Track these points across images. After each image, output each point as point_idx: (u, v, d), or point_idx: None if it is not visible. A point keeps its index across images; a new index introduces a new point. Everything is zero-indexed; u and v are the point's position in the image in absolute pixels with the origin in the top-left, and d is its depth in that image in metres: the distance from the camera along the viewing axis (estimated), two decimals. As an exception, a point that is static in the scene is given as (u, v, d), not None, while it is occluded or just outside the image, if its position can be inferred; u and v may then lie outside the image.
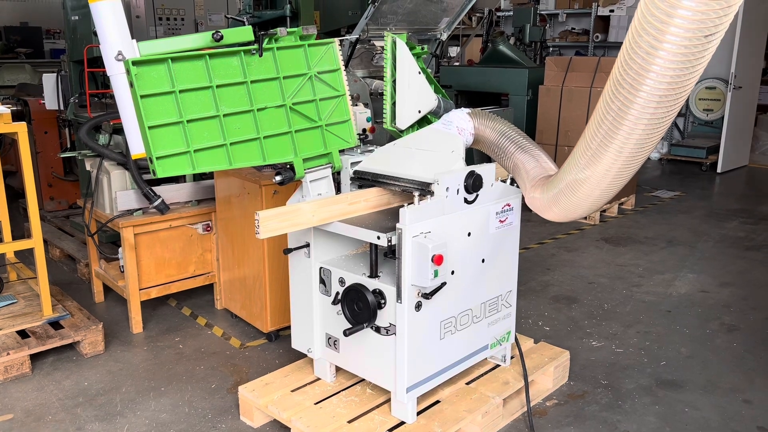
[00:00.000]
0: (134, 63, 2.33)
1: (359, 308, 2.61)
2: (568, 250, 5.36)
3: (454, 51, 11.45)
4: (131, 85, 2.33)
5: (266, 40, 2.64)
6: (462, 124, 2.83)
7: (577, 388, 3.26)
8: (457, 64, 10.51)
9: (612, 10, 9.58)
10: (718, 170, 8.45)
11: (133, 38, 2.51)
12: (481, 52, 10.10)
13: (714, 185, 7.90)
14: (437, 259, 2.42)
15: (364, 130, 3.84)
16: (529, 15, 8.16)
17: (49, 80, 5.08)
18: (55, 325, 3.63)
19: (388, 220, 2.68)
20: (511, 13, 10.40)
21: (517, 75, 6.80)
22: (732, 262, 5.10)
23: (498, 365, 3.14)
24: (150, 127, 2.37)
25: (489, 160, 2.93)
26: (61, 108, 5.14)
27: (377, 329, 2.64)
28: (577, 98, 6.18)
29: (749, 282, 4.68)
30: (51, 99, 5.08)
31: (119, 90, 2.49)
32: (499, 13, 10.76)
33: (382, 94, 4.57)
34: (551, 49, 9.28)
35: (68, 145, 5.31)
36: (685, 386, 3.28)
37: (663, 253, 5.28)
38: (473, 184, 2.64)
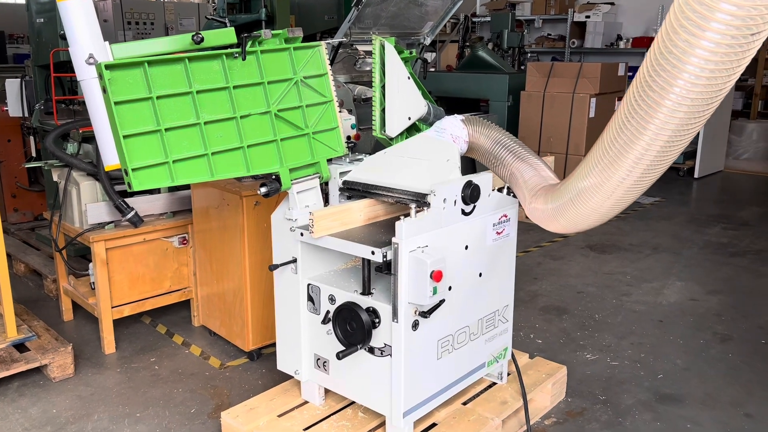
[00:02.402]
0: (107, 67, 2.14)
1: (352, 328, 2.45)
2: (553, 259, 5.26)
3: (429, 57, 11.37)
4: (104, 90, 2.15)
5: (249, 43, 2.48)
6: (456, 132, 2.69)
7: (575, 405, 3.14)
8: (432, 70, 10.42)
9: (588, 16, 9.60)
10: (695, 175, 8.48)
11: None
12: (457, 57, 10.04)
13: (692, 190, 7.91)
14: (436, 276, 2.28)
15: (348, 138, 3.69)
16: (507, 20, 8.10)
17: (12, 86, 4.84)
18: (21, 347, 3.40)
19: (381, 233, 2.53)
20: (487, 18, 10.37)
21: (497, 81, 6.72)
22: (718, 269, 5.06)
23: (494, 383, 3.00)
24: (125, 137, 2.19)
25: (472, 168, 2.81)
26: (26, 115, 4.90)
27: (371, 350, 2.48)
28: (559, 104, 6.12)
29: (737, 289, 4.63)
30: (14, 105, 4.84)
31: (91, 96, 2.31)
32: (474, 19, 10.71)
33: (365, 100, 4.43)
34: (529, 54, 9.25)
35: (33, 154, 5.04)
36: (684, 400, 3.18)
37: (649, 261, 5.22)
38: (471, 194, 2.51)
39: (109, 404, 3.14)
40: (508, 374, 3.03)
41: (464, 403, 2.83)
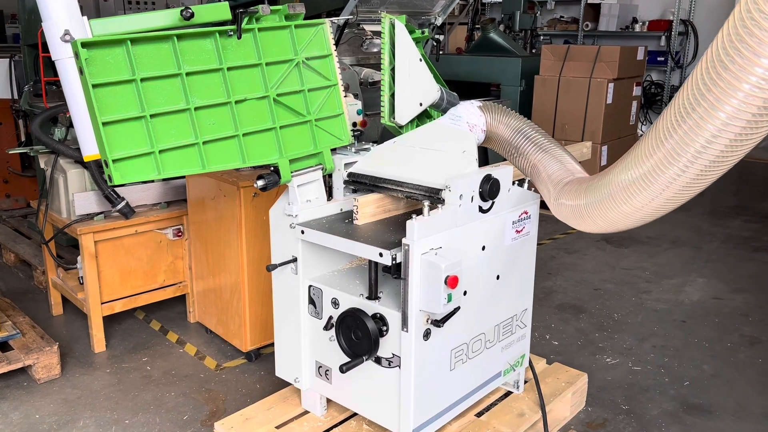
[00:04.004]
0: (84, 45, 1.91)
1: (357, 337, 2.22)
2: (568, 252, 5.02)
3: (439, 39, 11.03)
4: (81, 71, 1.92)
5: (246, 20, 2.23)
6: (473, 120, 2.45)
7: (596, 415, 2.92)
8: (441, 52, 10.10)
9: (603, -2, 9.26)
10: (712, 164, 8.18)
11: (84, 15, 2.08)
12: (466, 40, 9.73)
13: (709, 180, 7.63)
14: (451, 282, 2.04)
15: (354, 124, 3.45)
16: (519, 1, 7.78)
17: (1, 66, 4.60)
18: (4, 345, 3.19)
19: (390, 232, 2.30)
20: (497, 0, 10.02)
21: (509, 64, 6.43)
22: (741, 264, 4.81)
23: (510, 392, 2.78)
24: (105, 124, 1.96)
25: (483, 157, 2.57)
26: (15, 97, 4.67)
27: (378, 360, 2.26)
28: (575, 89, 5.83)
29: (763, 287, 4.39)
30: (3, 87, 4.61)
31: (67, 78, 2.07)
32: (484, 0, 10.37)
33: (372, 84, 4.17)
34: (542, 37, 8.93)
35: (23, 139, 4.82)
36: (714, 411, 2.96)
37: (668, 255, 4.98)
38: (490, 189, 2.26)
39: (96, 409, 2.93)
40: (525, 382, 2.81)
41: (478, 415, 2.61)
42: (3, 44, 11.20)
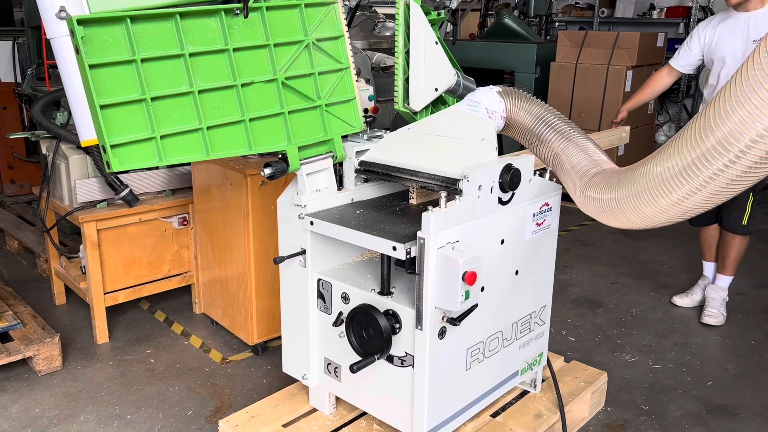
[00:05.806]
0: (80, 22, 1.79)
1: (369, 335, 2.11)
2: (583, 244, 4.89)
3: (448, 26, 10.83)
4: (77, 51, 1.80)
5: (253, -2, 2.10)
6: (492, 106, 2.32)
7: (616, 416, 2.80)
8: (451, 39, 9.90)
9: (620, -16, 9.01)
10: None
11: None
12: (479, 27, 9.54)
13: (727, 171, 7.45)
14: (469, 278, 1.92)
15: (366, 111, 3.32)
16: (535, -14, 7.61)
17: (4, 49, 4.50)
18: (4, 336, 3.10)
19: (404, 223, 2.17)
20: (512, -15, 9.80)
21: (524, 51, 6.27)
22: (764, 259, 4.66)
23: (526, 391, 2.66)
24: (102, 107, 1.85)
25: (499, 146, 2.44)
26: (19, 80, 4.57)
27: (390, 359, 2.15)
28: (592, 77, 5.67)
29: (786, 282, 4.25)
30: (6, 70, 4.51)
31: (63, 58, 1.94)
32: (498, -14, 10.15)
33: (384, 69, 4.04)
34: (557, 23, 8.72)
35: (27, 123, 4.72)
36: (739, 413, 2.83)
37: (687, 248, 4.83)
38: (510, 180, 2.14)
39: (97, 403, 2.84)
40: (543, 380, 2.69)
41: (493, 415, 2.50)
42: (10, 27, 11.12)
